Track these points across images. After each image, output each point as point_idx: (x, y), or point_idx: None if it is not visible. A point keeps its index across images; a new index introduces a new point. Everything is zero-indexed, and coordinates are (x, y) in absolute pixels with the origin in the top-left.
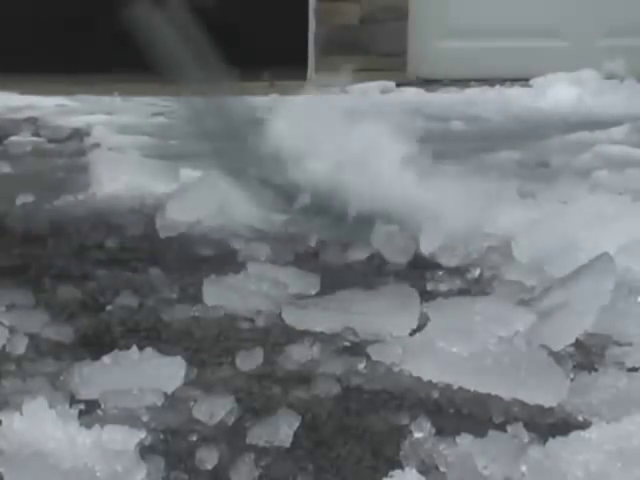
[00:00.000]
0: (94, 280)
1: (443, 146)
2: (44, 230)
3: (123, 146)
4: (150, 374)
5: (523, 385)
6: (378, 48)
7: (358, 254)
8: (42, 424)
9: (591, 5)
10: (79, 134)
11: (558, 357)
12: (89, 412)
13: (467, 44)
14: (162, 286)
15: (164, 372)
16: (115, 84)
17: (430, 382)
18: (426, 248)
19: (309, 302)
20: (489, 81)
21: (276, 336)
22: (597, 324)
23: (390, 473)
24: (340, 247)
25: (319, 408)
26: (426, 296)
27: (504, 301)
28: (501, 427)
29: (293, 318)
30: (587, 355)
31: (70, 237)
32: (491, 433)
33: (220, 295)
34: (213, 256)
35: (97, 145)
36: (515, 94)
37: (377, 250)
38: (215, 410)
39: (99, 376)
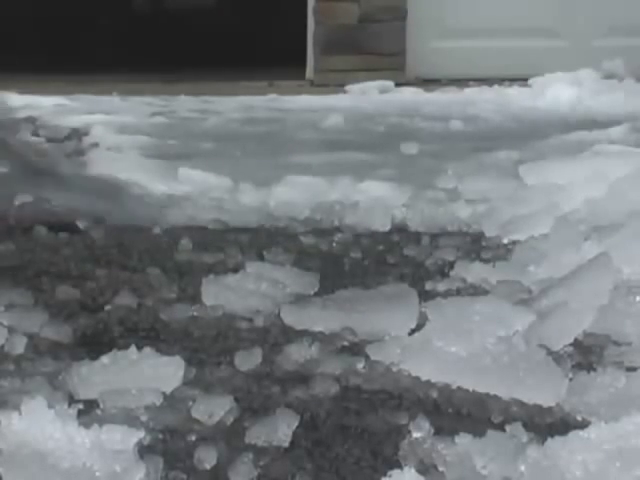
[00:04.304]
0: (93, 280)
1: (442, 146)
2: (43, 230)
3: (122, 146)
4: (149, 374)
5: (522, 385)
6: (377, 48)
7: None
8: (41, 424)
9: (590, 5)
10: (78, 134)
11: (557, 357)
12: (88, 412)
13: (466, 44)
14: (161, 286)
15: (163, 372)
16: (114, 84)
17: (429, 382)
18: None
19: (308, 302)
20: (488, 81)
21: (275, 336)
22: (596, 324)
23: (389, 473)
24: None
25: (318, 408)
26: (425, 296)
27: (503, 301)
28: (500, 427)
29: (292, 318)
30: (586, 355)
31: (69, 237)
32: (490, 433)
33: (219, 295)
34: (212, 256)
35: (96, 145)
36: (514, 94)
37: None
38: (214, 410)
39: (98, 376)
